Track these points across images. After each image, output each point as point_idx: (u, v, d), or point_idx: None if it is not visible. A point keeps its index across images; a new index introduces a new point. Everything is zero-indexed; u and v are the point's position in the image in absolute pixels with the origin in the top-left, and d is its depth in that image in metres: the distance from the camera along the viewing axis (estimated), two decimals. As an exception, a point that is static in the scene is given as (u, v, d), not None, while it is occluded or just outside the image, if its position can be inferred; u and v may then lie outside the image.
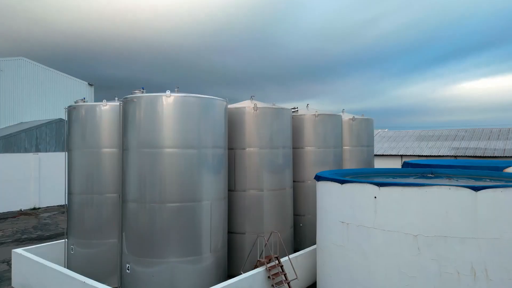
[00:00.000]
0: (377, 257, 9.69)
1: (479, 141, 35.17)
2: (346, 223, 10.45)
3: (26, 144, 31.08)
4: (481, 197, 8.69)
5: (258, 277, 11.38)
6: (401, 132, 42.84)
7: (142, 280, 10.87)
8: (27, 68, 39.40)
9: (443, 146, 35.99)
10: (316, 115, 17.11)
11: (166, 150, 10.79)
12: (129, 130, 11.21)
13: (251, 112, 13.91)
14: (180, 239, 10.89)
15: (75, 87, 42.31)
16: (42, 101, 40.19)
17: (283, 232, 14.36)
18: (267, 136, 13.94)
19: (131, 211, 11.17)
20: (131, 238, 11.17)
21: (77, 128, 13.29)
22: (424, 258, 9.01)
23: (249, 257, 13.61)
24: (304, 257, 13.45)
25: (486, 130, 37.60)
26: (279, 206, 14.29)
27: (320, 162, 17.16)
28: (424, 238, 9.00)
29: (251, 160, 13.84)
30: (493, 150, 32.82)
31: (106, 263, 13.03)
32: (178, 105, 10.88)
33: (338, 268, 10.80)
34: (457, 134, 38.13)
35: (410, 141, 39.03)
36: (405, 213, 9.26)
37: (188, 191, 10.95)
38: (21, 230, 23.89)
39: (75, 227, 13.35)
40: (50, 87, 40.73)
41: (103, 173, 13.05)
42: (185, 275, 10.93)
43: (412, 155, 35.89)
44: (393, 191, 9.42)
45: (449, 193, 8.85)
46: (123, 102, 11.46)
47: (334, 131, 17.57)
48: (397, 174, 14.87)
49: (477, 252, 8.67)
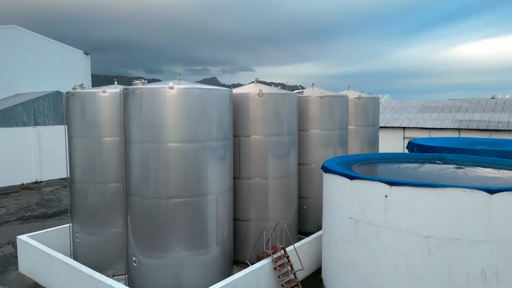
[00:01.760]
0: (386, 255, 9.62)
1: (483, 113, 34.71)
2: (355, 219, 10.31)
3: (24, 118, 30.58)
4: (496, 200, 8.47)
5: (265, 269, 11.41)
6: (404, 102, 42.21)
7: (149, 273, 10.88)
8: (20, 37, 38.05)
9: (447, 118, 35.56)
10: (322, 96, 16.60)
11: (169, 145, 10.44)
12: (131, 123, 10.80)
13: (256, 98, 13.41)
14: (186, 233, 10.78)
15: (70, 56, 41.11)
16: (37, 71, 39.16)
17: (287, 218, 14.30)
18: (272, 123, 13.53)
19: (136, 205, 10.99)
20: (136, 231, 11.06)
21: (76, 116, 12.84)
22: (434, 259, 8.93)
23: (253, 246, 13.63)
24: (309, 245, 13.48)
25: (490, 101, 37.02)
26: (284, 193, 14.13)
27: (325, 145, 16.86)
28: (436, 240, 8.88)
29: (256, 147, 13.51)
30: (497, 123, 32.44)
31: (112, 250, 13.03)
32: (181, 98, 10.40)
33: (345, 262, 10.79)
34: (461, 105, 37.58)
35: (413, 113, 38.54)
36: (417, 214, 9.09)
37: (193, 186, 10.71)
38: (24, 206, 23.94)
39: (79, 216, 13.25)
40: (45, 57, 39.55)
41: (104, 162, 12.75)
42: (192, 268, 10.93)
43: (415, 127, 35.53)
44: (405, 191, 9.18)
45: (463, 195, 8.62)
46: (124, 93, 10.96)
47: (340, 113, 17.12)
48: (403, 160, 14.63)
49: (489, 255, 8.58)
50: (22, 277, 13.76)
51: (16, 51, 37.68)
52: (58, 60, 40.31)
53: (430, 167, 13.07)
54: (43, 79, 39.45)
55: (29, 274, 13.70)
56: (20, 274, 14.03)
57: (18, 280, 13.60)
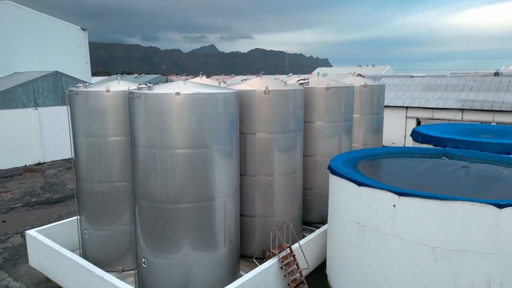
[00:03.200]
0: (392, 263, 9.80)
1: (488, 93, 34.36)
2: (362, 225, 10.42)
3: (24, 99, 30.26)
4: (505, 214, 8.53)
5: (271, 270, 11.65)
6: (408, 80, 41.68)
7: (158, 274, 11.11)
8: (14, 13, 36.96)
9: (450, 98, 35.23)
10: (328, 88, 16.35)
11: (177, 151, 10.37)
12: (137, 128, 10.68)
13: (262, 95, 13.20)
14: (195, 236, 10.91)
15: (67, 33, 40.12)
16: (34, 48, 38.34)
17: (292, 213, 14.46)
18: (278, 120, 13.39)
19: (144, 208, 11.06)
20: (145, 234, 11.19)
21: (80, 116, 12.69)
22: (440, 269, 9.10)
23: (259, 240, 13.86)
24: (314, 241, 13.69)
25: (495, 80, 36.54)
26: (289, 189, 14.21)
27: (330, 137, 16.79)
28: (442, 251, 9.01)
29: (262, 145, 13.45)
30: (501, 103, 32.17)
31: (120, 246, 13.25)
32: (187, 104, 10.22)
33: (350, 264, 11.00)
34: (465, 84, 37.13)
35: (416, 91, 38.13)
36: (425, 224, 9.17)
37: (201, 191, 10.74)
38: (29, 191, 24.14)
39: (86, 213, 13.37)
40: (41, 34, 38.60)
41: (110, 161, 12.74)
42: (200, 269, 11.14)
43: (418, 107, 35.24)
44: (414, 201, 9.22)
45: (472, 209, 8.67)
46: (129, 97, 10.77)
47: (346, 104, 16.93)
48: (409, 156, 14.62)
49: (495, 266, 8.74)
50: (33, 271, 14.05)
51: (11, 28, 36.74)
52: (55, 37, 39.38)
53: (436, 166, 13.07)
54: (40, 56, 38.70)
55: (40, 268, 13.99)
56: (30, 267, 14.33)
57: (30, 274, 13.89)
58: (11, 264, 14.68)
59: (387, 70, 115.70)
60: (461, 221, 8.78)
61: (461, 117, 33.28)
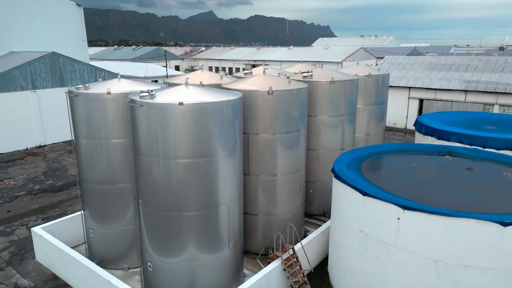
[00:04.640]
0: (395, 273, 9.96)
1: (492, 74, 33.83)
2: (365, 234, 10.52)
3: (22, 82, 29.79)
4: (509, 232, 8.58)
5: (275, 272, 11.87)
6: (411, 58, 40.94)
7: (164, 277, 11.33)
8: (7, -11, 35.75)
9: (454, 78, 34.73)
10: (332, 81, 16.04)
11: (180, 161, 10.29)
12: (139, 136, 10.55)
13: (265, 96, 12.96)
14: (199, 242, 11.04)
15: (62, 9, 38.93)
16: (30, 26, 37.33)
17: (295, 211, 14.58)
18: (282, 120, 13.22)
19: (148, 214, 11.12)
20: (150, 239, 11.31)
21: (81, 118, 12.51)
22: (442, 282, 9.27)
23: (261, 237, 14.06)
24: (316, 239, 13.87)
25: (500, 60, 35.89)
26: (292, 188, 14.24)
27: (333, 131, 16.68)
28: (445, 265, 9.14)
29: (265, 145, 13.35)
30: (505, 85, 31.76)
31: (125, 244, 13.46)
32: (191, 114, 10.03)
33: (353, 269, 11.20)
34: (469, 63, 36.49)
35: (419, 70, 37.53)
36: (428, 238, 9.25)
37: (205, 199, 10.75)
38: (32, 177, 24.23)
39: (91, 213, 13.46)
40: (36, 10, 37.47)
41: (113, 163, 12.70)
42: (205, 272, 11.35)
43: (421, 87, 34.80)
44: (418, 216, 9.25)
45: (476, 226, 8.71)
46: (130, 104, 10.56)
47: (350, 97, 16.68)
48: (413, 154, 14.56)
49: (496, 282, 8.88)
50: (41, 267, 14.32)
51: (4, 5, 35.62)
52: (50, 14, 38.26)
53: (440, 167, 13.04)
54: (36, 34, 37.75)
55: (47, 264, 14.25)
56: (38, 263, 14.60)
57: (37, 270, 14.16)
58: (18, 259, 14.93)
59: (390, 41, 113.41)
60: (465, 237, 8.85)
61: (464, 99, 32.96)
